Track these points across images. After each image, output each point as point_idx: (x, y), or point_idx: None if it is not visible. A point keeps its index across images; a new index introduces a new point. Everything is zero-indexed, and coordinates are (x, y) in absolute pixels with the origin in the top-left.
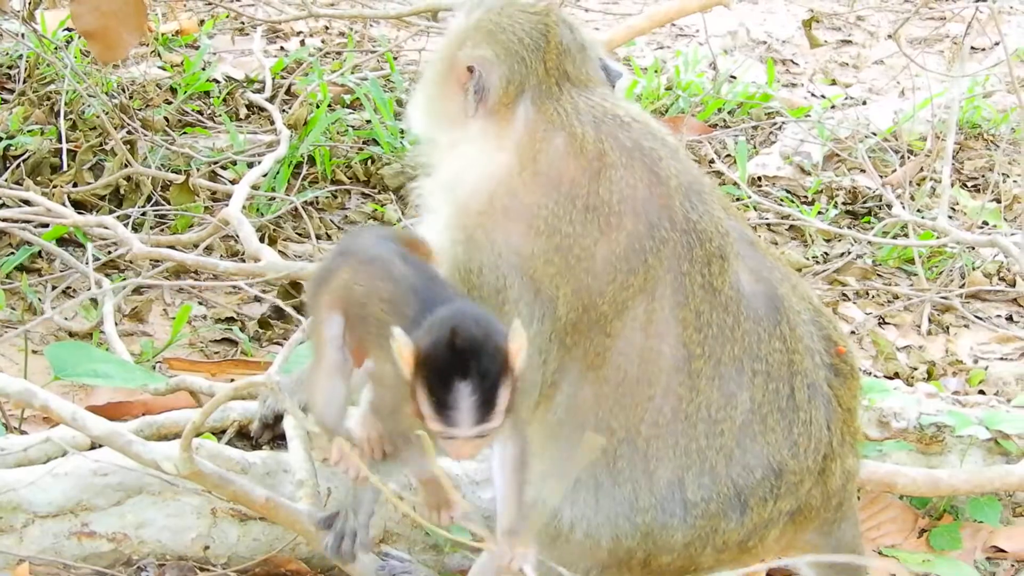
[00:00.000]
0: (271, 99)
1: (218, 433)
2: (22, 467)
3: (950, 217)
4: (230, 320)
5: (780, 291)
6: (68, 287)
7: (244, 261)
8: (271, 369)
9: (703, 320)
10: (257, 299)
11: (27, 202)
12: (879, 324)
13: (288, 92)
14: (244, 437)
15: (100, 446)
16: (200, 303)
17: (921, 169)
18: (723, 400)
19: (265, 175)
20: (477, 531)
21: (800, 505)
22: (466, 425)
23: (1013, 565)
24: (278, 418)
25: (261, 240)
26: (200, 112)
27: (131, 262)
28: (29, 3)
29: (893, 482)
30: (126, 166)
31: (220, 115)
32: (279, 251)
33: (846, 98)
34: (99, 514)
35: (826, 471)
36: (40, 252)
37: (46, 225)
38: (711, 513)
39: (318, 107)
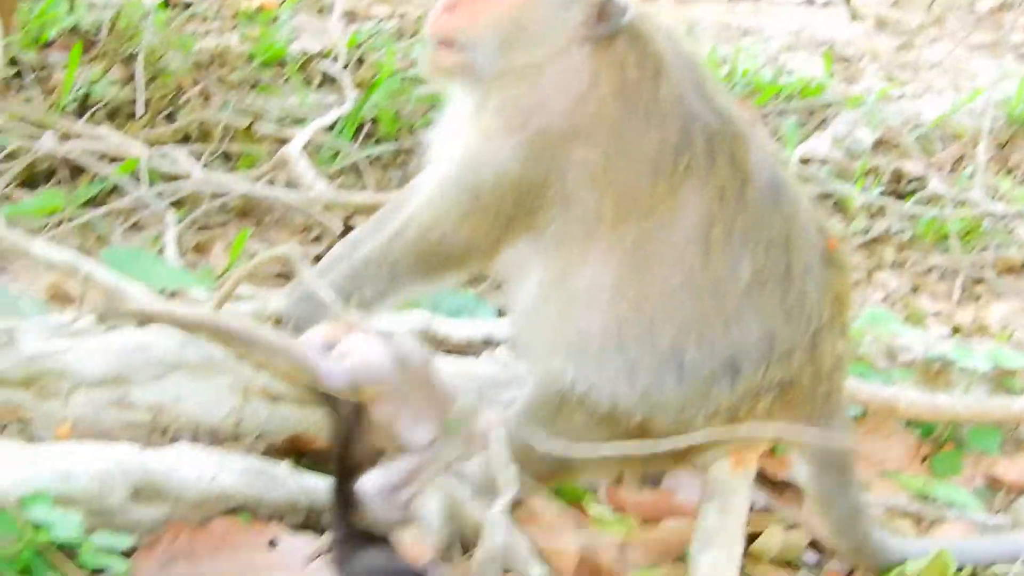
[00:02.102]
0: (344, 67)
1: None
2: (70, 338)
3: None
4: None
5: (783, 176)
6: (136, 222)
7: None
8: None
9: (726, 194)
10: (317, 239)
11: None
12: (912, 291)
13: (360, 63)
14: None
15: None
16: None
17: (963, 156)
18: (730, 268)
19: (330, 129)
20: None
21: (791, 378)
22: None
23: (1010, 494)
24: None
25: None
26: (274, 76)
27: (197, 200)
28: None
29: (895, 404)
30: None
31: (292, 79)
32: None
33: (901, 95)
34: (139, 386)
35: (817, 349)
36: (112, 189)
37: (119, 161)
38: (705, 377)
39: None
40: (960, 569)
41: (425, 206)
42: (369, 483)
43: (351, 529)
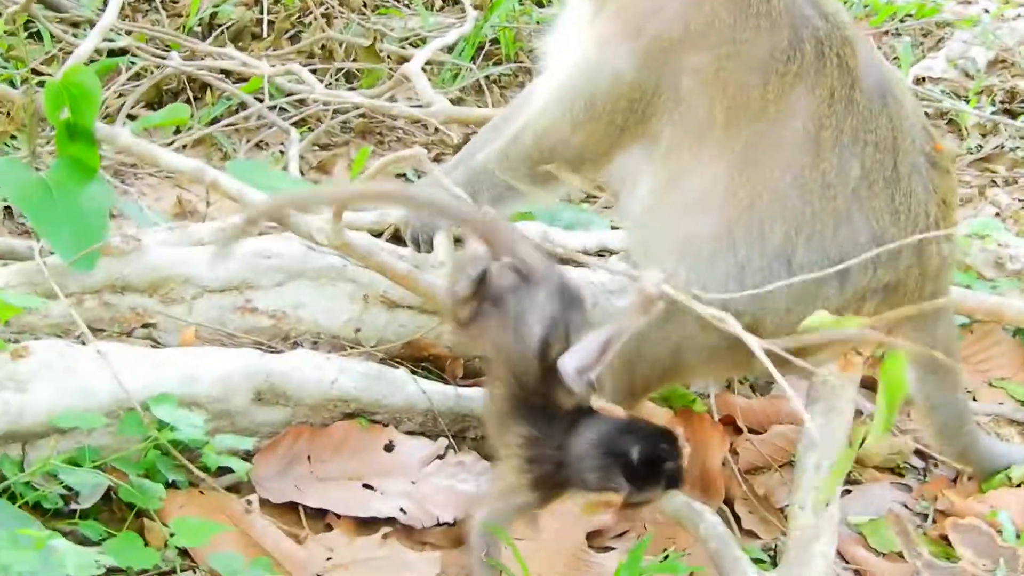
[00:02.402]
0: None
1: (375, 236)
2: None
3: None
4: (402, 175)
5: (889, 78)
6: (260, 140)
7: None
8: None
9: (835, 96)
10: (436, 159)
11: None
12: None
13: None
14: (399, 241)
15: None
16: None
17: None
18: (839, 167)
19: (450, 51)
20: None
21: (897, 280)
22: None
23: None
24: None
25: None
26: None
27: (319, 119)
28: None
29: (1001, 312)
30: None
31: (413, 1)
32: None
33: (1017, 15)
34: (261, 292)
35: (924, 250)
36: (237, 107)
37: (244, 80)
38: (815, 278)
39: None
40: None
41: (541, 113)
42: (568, 364)
43: (562, 410)
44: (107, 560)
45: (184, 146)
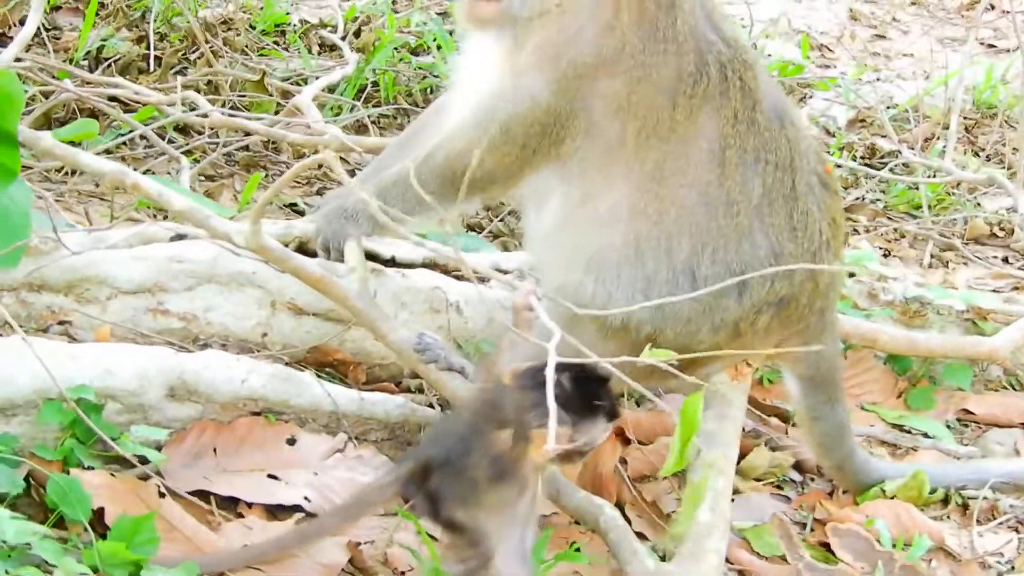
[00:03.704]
0: (342, 38)
1: None
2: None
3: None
4: (292, 206)
5: (785, 101)
6: (150, 168)
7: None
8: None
9: (739, 117)
10: (319, 192)
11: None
12: (884, 256)
13: (357, 35)
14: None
15: (182, 237)
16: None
17: (934, 135)
18: (743, 185)
19: (332, 91)
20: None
21: (792, 294)
22: None
23: (980, 427)
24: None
25: None
26: (276, 43)
27: (205, 152)
28: None
29: (875, 338)
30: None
31: (294, 45)
32: None
33: (876, 78)
34: (173, 295)
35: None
36: (125, 142)
37: (133, 111)
38: (716, 290)
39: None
40: (934, 491)
41: (455, 134)
42: None
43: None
44: (44, 529)
45: (75, 172)
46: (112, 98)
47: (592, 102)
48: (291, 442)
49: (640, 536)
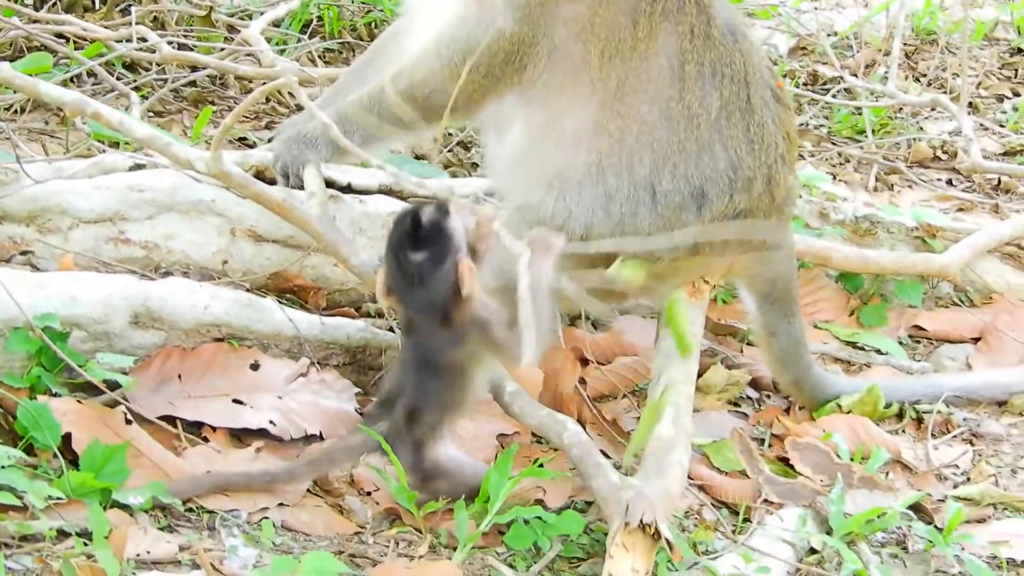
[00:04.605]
0: None
1: None
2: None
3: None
4: (243, 140)
5: (737, 17)
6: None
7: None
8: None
9: (695, 32)
10: (268, 127)
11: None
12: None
13: None
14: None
15: (141, 167)
16: (217, 124)
17: (875, 62)
18: (701, 98)
19: (278, 26)
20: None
21: (750, 207)
22: None
23: (932, 343)
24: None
25: None
26: None
27: (152, 88)
28: None
29: (828, 256)
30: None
31: None
32: None
33: (815, 7)
34: (134, 224)
35: (773, 179)
36: (74, 77)
37: (81, 48)
38: (676, 204)
39: None
40: (888, 405)
41: (417, 62)
42: None
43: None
44: (18, 453)
45: (24, 109)
46: (59, 35)
47: (555, 27)
48: (255, 367)
49: (602, 455)
